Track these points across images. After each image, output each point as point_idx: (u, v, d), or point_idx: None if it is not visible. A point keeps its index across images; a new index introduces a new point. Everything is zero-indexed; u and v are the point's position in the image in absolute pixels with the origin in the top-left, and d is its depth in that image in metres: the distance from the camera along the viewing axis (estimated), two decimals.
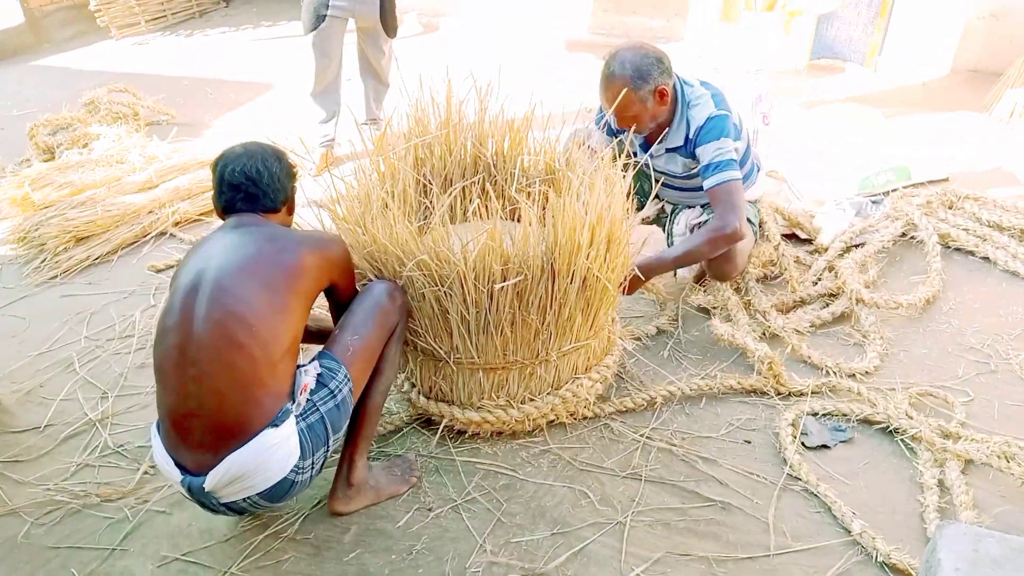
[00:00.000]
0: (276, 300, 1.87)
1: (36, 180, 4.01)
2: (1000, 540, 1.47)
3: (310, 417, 1.93)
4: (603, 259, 2.24)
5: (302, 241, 1.98)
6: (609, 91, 2.66)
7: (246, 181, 2.02)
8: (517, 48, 6.70)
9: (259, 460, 1.82)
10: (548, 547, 2.12)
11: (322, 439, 1.95)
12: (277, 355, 1.86)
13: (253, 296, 1.84)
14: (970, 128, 4.70)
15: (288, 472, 1.87)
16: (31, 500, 2.35)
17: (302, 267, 1.93)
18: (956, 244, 3.40)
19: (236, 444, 1.82)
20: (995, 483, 2.25)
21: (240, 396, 1.82)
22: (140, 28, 7.83)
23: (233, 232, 1.97)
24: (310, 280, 1.96)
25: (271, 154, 2.09)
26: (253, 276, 1.87)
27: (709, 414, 2.58)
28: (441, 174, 2.72)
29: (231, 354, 1.81)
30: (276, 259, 1.90)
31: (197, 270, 1.89)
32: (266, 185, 2.04)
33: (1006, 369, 2.72)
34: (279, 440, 1.84)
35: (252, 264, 1.88)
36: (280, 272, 1.89)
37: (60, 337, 3.13)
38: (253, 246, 1.92)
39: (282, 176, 2.08)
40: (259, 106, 5.75)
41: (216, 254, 1.91)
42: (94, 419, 2.65)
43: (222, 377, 1.81)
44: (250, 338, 1.82)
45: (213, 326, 1.81)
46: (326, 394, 1.97)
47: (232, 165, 2.03)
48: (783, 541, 2.11)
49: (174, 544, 2.18)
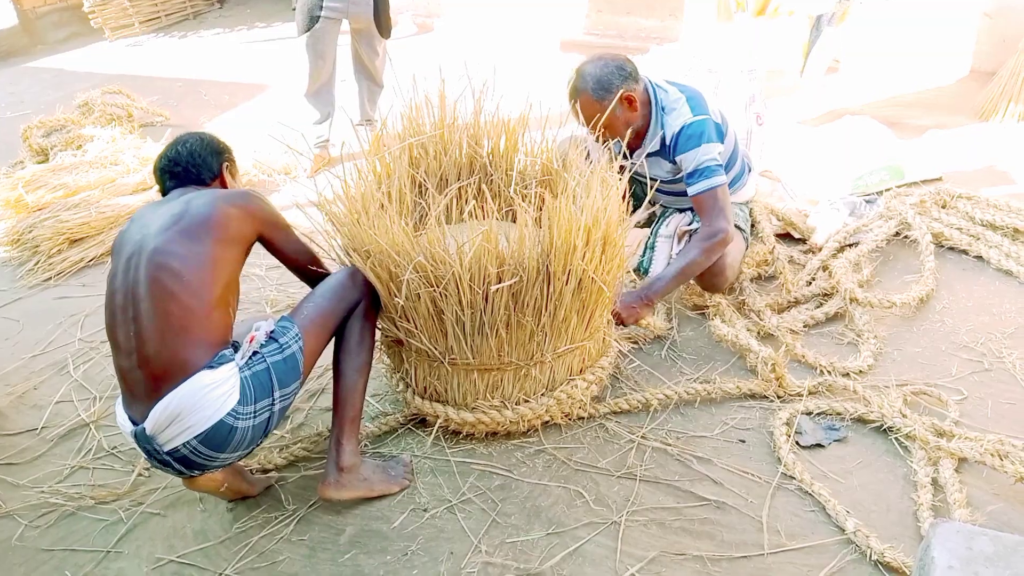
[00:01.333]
0: (202, 251, 1.98)
1: (30, 182, 4.01)
2: (993, 538, 1.47)
3: (256, 366, 2.00)
4: (599, 261, 2.24)
5: (219, 196, 2.11)
6: (576, 108, 2.68)
7: (169, 163, 2.25)
8: (512, 49, 6.71)
9: (194, 399, 1.88)
10: (543, 547, 2.12)
11: (267, 389, 2.00)
12: (210, 303, 1.97)
13: (181, 248, 1.97)
14: (963, 127, 4.72)
15: (225, 415, 1.91)
16: (25, 503, 2.34)
17: (221, 217, 2.04)
18: (949, 243, 3.41)
19: (175, 386, 1.89)
20: (989, 481, 2.26)
21: (178, 342, 1.92)
22: (134, 29, 7.82)
23: (165, 202, 2.15)
24: (232, 230, 2.06)
25: (194, 136, 2.31)
26: (179, 231, 1.99)
27: (704, 414, 2.58)
28: (436, 174, 2.72)
29: (165, 303, 1.92)
30: (197, 213, 2.03)
31: (134, 238, 2.03)
32: (186, 161, 2.24)
33: (999, 367, 2.73)
34: (215, 381, 1.91)
35: (177, 221, 2.01)
36: (202, 224, 2.01)
37: (54, 339, 3.13)
38: (179, 207, 2.05)
39: (203, 152, 2.28)
40: (253, 107, 5.75)
41: (150, 220, 2.05)
42: (88, 421, 2.65)
43: (160, 326, 1.92)
44: (181, 287, 1.93)
45: (150, 281, 1.93)
46: (275, 347, 2.05)
47: (161, 156, 2.28)
48: (777, 540, 2.12)
49: (169, 546, 2.18)
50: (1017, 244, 3.32)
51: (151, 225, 2.03)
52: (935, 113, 4.95)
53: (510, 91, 2.72)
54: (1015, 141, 4.48)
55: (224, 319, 2.02)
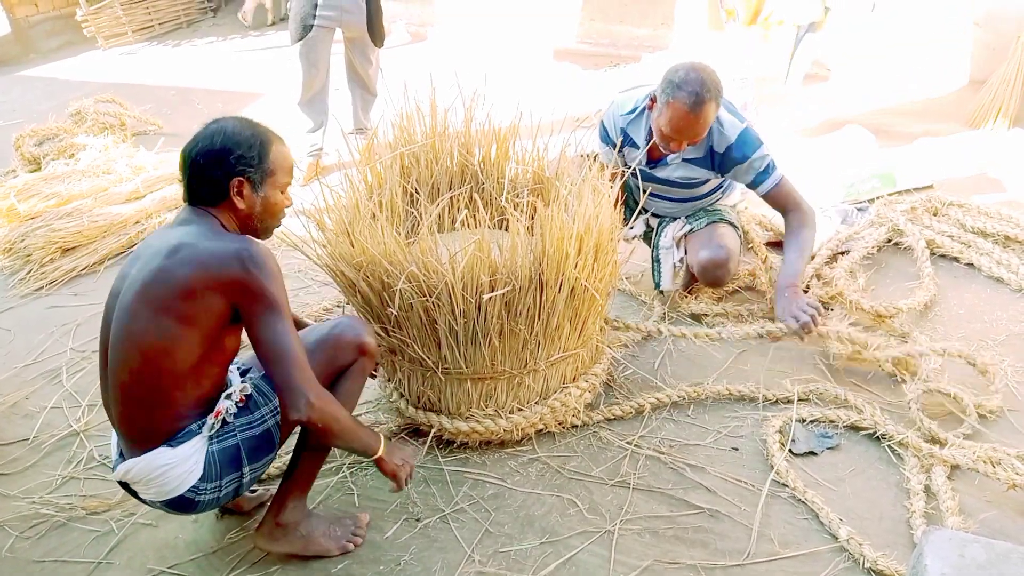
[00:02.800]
0: (166, 328, 1.76)
1: (22, 191, 4.00)
2: (986, 545, 1.48)
3: (226, 440, 1.89)
4: (591, 269, 2.24)
5: (195, 259, 1.77)
6: (698, 117, 2.58)
7: (186, 169, 1.89)
8: (505, 57, 6.72)
9: (152, 474, 1.82)
10: (537, 556, 2.12)
11: (235, 464, 1.91)
12: (177, 380, 1.81)
13: (146, 322, 1.77)
14: (954, 135, 4.74)
15: (185, 491, 1.85)
16: (16, 513, 2.33)
17: (189, 289, 1.76)
18: (941, 251, 3.42)
19: (137, 450, 1.84)
20: (981, 488, 2.27)
21: (139, 411, 1.83)
22: (127, 38, 7.82)
23: (167, 232, 1.89)
24: (199, 305, 1.77)
25: (216, 134, 1.87)
26: (148, 299, 1.77)
27: (696, 422, 2.58)
28: (428, 183, 2.73)
29: (128, 374, 1.80)
30: (169, 278, 1.76)
31: (124, 273, 1.88)
32: (193, 173, 1.88)
33: None
34: (174, 460, 1.82)
35: (150, 283, 1.78)
36: (170, 295, 1.76)
37: (46, 349, 3.12)
38: (160, 259, 1.79)
39: (211, 165, 1.85)
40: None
41: (142, 258, 1.85)
42: (79, 431, 2.64)
43: (124, 391, 1.82)
44: (142, 363, 1.78)
45: (116, 343, 1.81)
46: (246, 422, 1.92)
47: (185, 147, 1.90)
48: (771, 548, 2.11)
49: (160, 556, 2.17)
50: (1008, 251, 3.34)
51: (138, 264, 1.84)
52: (926, 121, 4.97)
53: (503, 100, 2.73)
54: (1006, 149, 4.50)
55: (193, 392, 1.85)
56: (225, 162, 1.84)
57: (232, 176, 1.86)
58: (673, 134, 2.63)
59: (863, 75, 5.51)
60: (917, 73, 5.57)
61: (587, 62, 6.59)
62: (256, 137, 1.89)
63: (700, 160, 2.85)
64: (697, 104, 2.55)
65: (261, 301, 1.78)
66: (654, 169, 2.89)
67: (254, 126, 1.93)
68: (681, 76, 2.56)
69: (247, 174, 1.87)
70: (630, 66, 6.42)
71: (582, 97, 5.45)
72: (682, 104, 2.55)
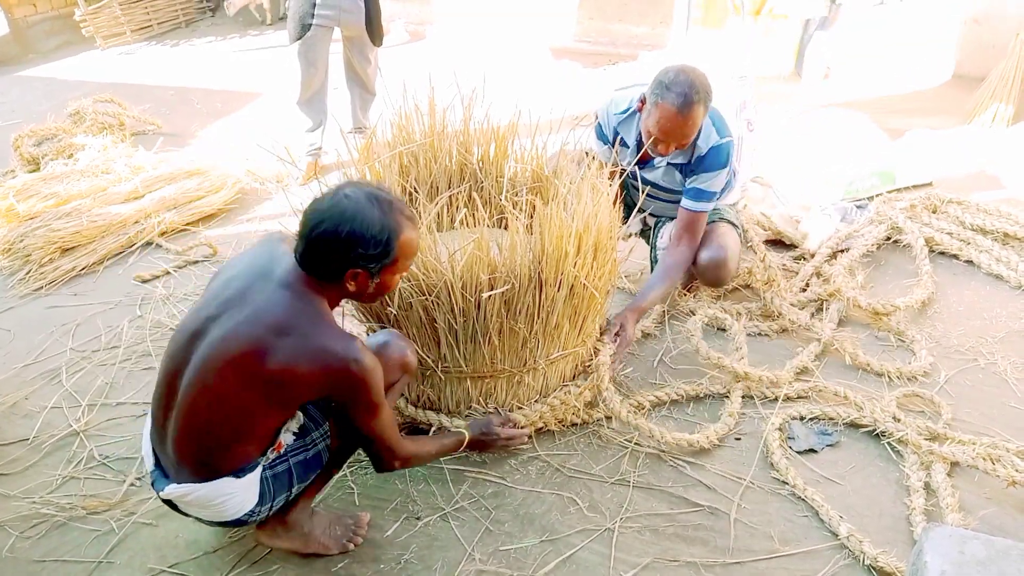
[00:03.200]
0: (252, 401, 1.76)
1: (21, 191, 3.99)
2: (986, 542, 1.48)
3: (278, 466, 1.91)
4: (590, 267, 2.24)
5: (302, 354, 1.73)
6: (686, 120, 2.56)
7: (304, 238, 1.77)
8: (503, 56, 6.72)
9: (214, 501, 1.83)
10: (537, 554, 2.12)
11: (284, 487, 1.94)
12: (247, 438, 1.82)
13: (232, 389, 1.74)
14: (953, 133, 4.74)
15: (242, 515, 1.89)
16: (16, 514, 2.33)
17: (289, 380, 1.74)
18: (940, 248, 3.43)
19: (196, 477, 1.82)
20: (981, 485, 2.27)
21: (207, 447, 1.81)
22: (126, 38, 7.81)
23: (272, 291, 1.79)
24: (293, 393, 1.78)
25: (344, 225, 1.73)
26: (240, 369, 1.73)
27: (696, 420, 2.58)
28: (427, 182, 2.73)
29: (200, 420, 1.78)
30: (269, 361, 1.72)
31: (211, 313, 1.80)
32: (310, 247, 1.76)
33: (991, 371, 2.74)
34: (238, 489, 1.84)
35: (247, 353, 1.73)
36: (266, 376, 1.73)
37: (46, 349, 3.11)
38: (261, 330, 1.73)
39: (333, 246, 1.74)
40: (246, 115, 5.74)
41: (235, 307, 1.78)
42: (79, 431, 2.64)
43: (192, 428, 1.80)
44: (218, 420, 1.77)
45: (193, 389, 1.77)
46: (299, 446, 1.95)
47: (308, 214, 1.78)
48: (771, 545, 2.12)
49: (161, 556, 2.17)
50: (1007, 248, 3.34)
51: (229, 314, 1.77)
52: (925, 118, 4.97)
53: (501, 98, 2.73)
54: (1005, 146, 4.51)
55: (268, 439, 1.86)
56: (346, 256, 1.75)
57: (350, 267, 1.77)
58: (661, 135, 2.60)
59: (862, 72, 5.50)
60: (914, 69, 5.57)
61: (586, 61, 6.58)
62: (385, 231, 1.76)
63: (684, 167, 2.83)
64: (685, 105, 2.52)
65: (364, 406, 1.84)
66: (643, 170, 2.88)
67: (386, 212, 1.77)
68: (671, 77, 2.55)
69: (367, 268, 1.79)
70: (628, 64, 6.42)
71: (581, 96, 5.44)
72: (670, 105, 2.53)
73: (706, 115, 2.64)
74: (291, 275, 1.80)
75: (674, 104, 2.53)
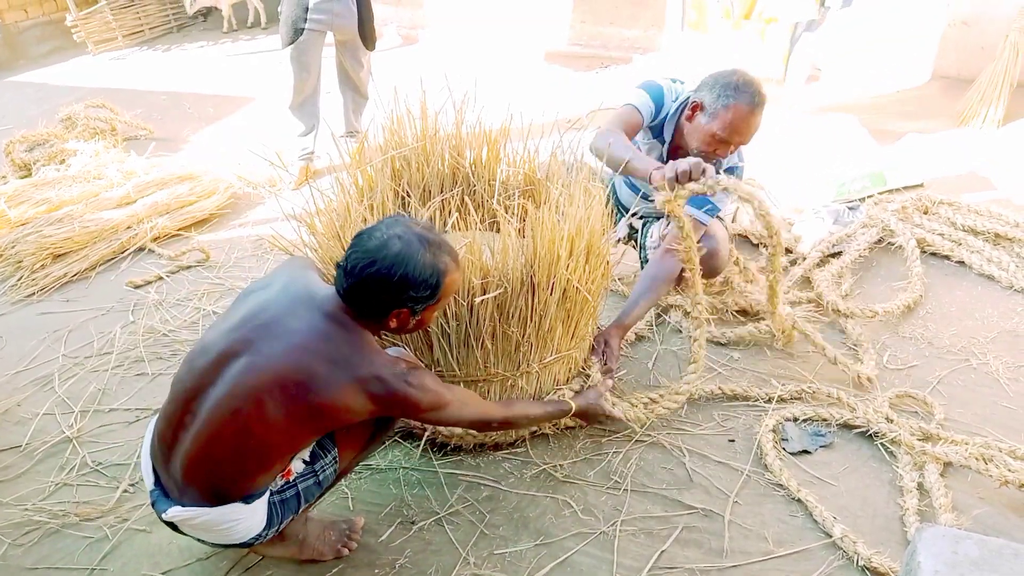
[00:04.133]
0: (289, 427, 1.75)
1: (12, 197, 3.99)
2: (979, 542, 1.48)
3: (287, 492, 1.91)
4: (583, 270, 2.24)
5: (361, 380, 1.75)
6: (757, 119, 2.60)
7: (351, 275, 1.76)
8: (496, 60, 6.73)
9: (222, 525, 1.81)
10: (532, 558, 2.12)
11: (292, 510, 1.94)
12: (268, 465, 1.81)
13: (267, 412, 1.72)
14: (943, 134, 4.76)
15: (248, 539, 1.88)
16: (9, 521, 2.32)
17: (341, 407, 1.76)
18: (931, 249, 3.44)
19: (204, 501, 1.80)
20: (974, 485, 2.28)
21: (222, 474, 1.78)
22: (117, 43, 7.80)
23: (315, 319, 1.78)
24: (337, 419, 1.80)
25: (397, 268, 1.73)
26: (283, 394, 1.72)
27: (689, 422, 2.58)
28: (419, 186, 2.72)
29: (224, 443, 1.75)
30: (320, 389, 1.72)
31: (244, 335, 1.78)
32: (358, 290, 1.76)
33: (983, 371, 2.75)
34: (246, 514, 1.82)
35: (292, 380, 1.72)
36: (311, 402, 1.73)
37: (38, 355, 3.10)
38: (311, 359, 1.73)
39: (380, 294, 1.75)
40: (238, 120, 5.74)
41: (274, 334, 1.76)
42: (72, 437, 2.63)
43: (213, 452, 1.76)
44: (244, 445, 1.74)
45: (219, 411, 1.74)
46: (308, 472, 1.94)
47: (356, 251, 1.77)
48: (765, 547, 2.12)
49: (154, 563, 2.16)
50: (998, 249, 3.36)
51: (269, 338, 1.75)
52: (916, 120, 4.99)
53: (494, 102, 2.73)
54: (995, 147, 4.52)
55: (283, 465, 1.86)
56: (397, 298, 1.76)
57: (397, 307, 1.79)
58: (730, 136, 2.59)
59: (850, 74, 5.50)
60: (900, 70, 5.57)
61: (578, 64, 6.59)
62: (435, 274, 1.77)
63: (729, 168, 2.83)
64: (758, 105, 2.56)
65: (432, 417, 1.93)
66: None
67: (436, 256, 1.78)
68: (738, 80, 2.57)
69: (413, 308, 1.81)
70: (621, 68, 6.44)
71: (573, 99, 5.45)
72: (745, 105, 2.55)
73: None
74: (333, 305, 1.80)
75: (748, 104, 2.55)
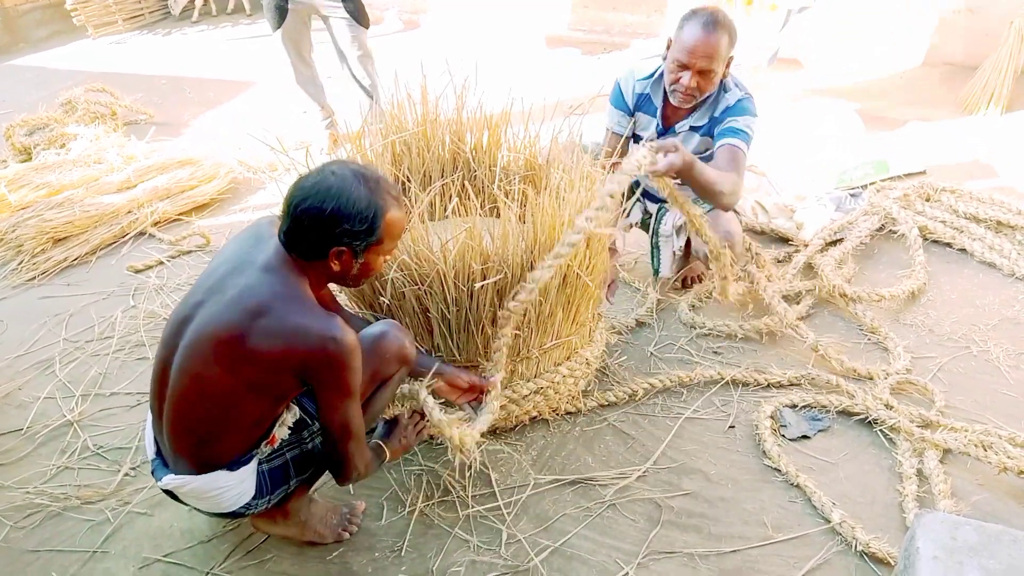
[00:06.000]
0: (235, 387, 1.74)
1: (13, 181, 3.98)
2: (977, 528, 1.49)
3: (275, 460, 1.91)
4: (583, 256, 2.24)
5: (279, 335, 1.71)
6: (707, 40, 2.58)
7: (284, 215, 1.76)
8: (498, 44, 6.70)
9: (210, 493, 1.83)
10: (531, 542, 2.12)
11: (282, 481, 1.94)
12: (236, 428, 1.81)
13: (215, 375, 1.73)
14: (947, 121, 4.74)
15: (238, 508, 1.88)
16: (10, 504, 2.33)
17: (266, 363, 1.72)
18: (933, 236, 3.43)
19: (192, 469, 1.82)
20: (972, 471, 2.28)
21: (199, 438, 1.81)
22: (117, 27, 7.76)
23: (252, 274, 1.77)
24: (272, 376, 1.75)
25: (329, 202, 1.71)
26: (220, 355, 1.72)
27: (689, 406, 2.58)
28: (420, 171, 2.72)
29: (190, 408, 1.78)
30: (247, 345, 1.71)
31: (198, 299, 1.79)
32: (295, 227, 1.74)
33: (984, 359, 2.75)
34: (232, 482, 1.83)
35: (225, 340, 1.72)
36: (244, 361, 1.72)
37: (39, 339, 3.10)
38: (239, 314, 1.71)
39: (314, 231, 1.73)
40: (239, 104, 5.72)
41: (219, 292, 1.76)
42: (73, 421, 2.63)
43: (183, 422, 1.80)
44: (206, 407, 1.77)
45: (180, 377, 1.77)
46: (295, 441, 1.95)
47: (293, 191, 1.76)
48: (764, 532, 2.13)
49: (156, 545, 2.17)
50: (1000, 236, 3.35)
51: (213, 301, 1.76)
52: (919, 107, 4.97)
53: (495, 87, 2.72)
54: (998, 134, 4.51)
55: (258, 429, 1.84)
56: (331, 232, 1.73)
57: (334, 245, 1.75)
58: (687, 58, 2.60)
59: (842, 57, 5.47)
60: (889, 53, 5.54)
61: (581, 49, 6.56)
62: (371, 208, 1.74)
63: (704, 128, 2.82)
64: (710, 23, 2.57)
65: (338, 388, 1.77)
66: (664, 138, 2.85)
67: (372, 190, 1.75)
68: (696, 9, 2.62)
69: (352, 246, 1.76)
70: (623, 52, 6.40)
71: (575, 84, 5.43)
72: (698, 25, 2.58)
73: (731, 49, 2.64)
74: (274, 257, 1.78)
75: (701, 23, 2.58)
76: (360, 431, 1.86)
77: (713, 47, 2.58)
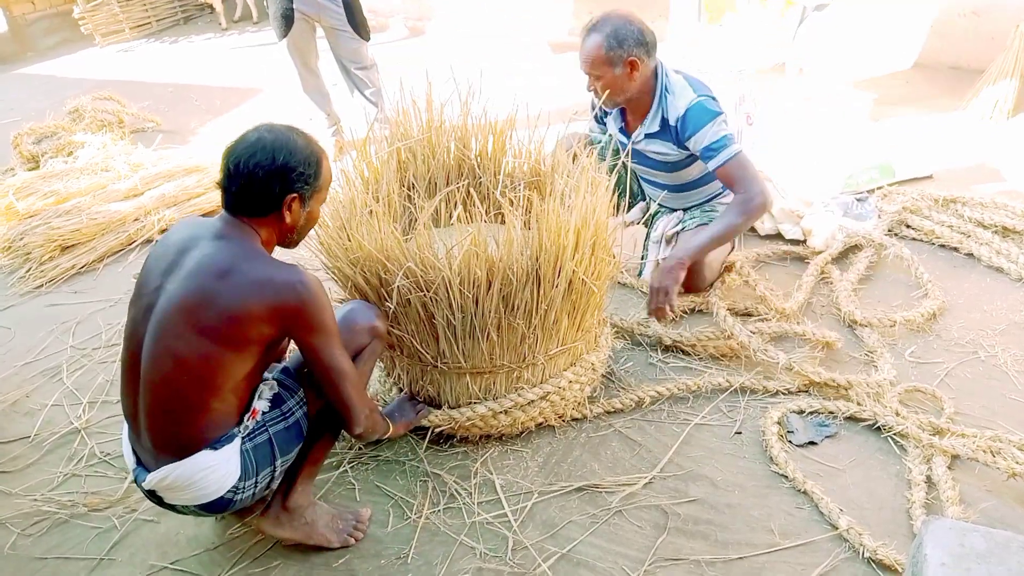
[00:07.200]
0: (211, 349, 1.77)
1: (20, 189, 4.01)
2: (985, 534, 1.48)
3: (257, 437, 1.91)
4: (588, 262, 2.24)
5: (248, 287, 1.77)
6: (584, 46, 2.70)
7: (227, 178, 1.85)
8: (501, 50, 6.71)
9: (194, 478, 1.82)
10: (537, 549, 2.12)
11: (267, 460, 1.93)
12: (217, 394, 1.82)
13: (189, 342, 1.76)
14: (952, 125, 4.73)
15: (225, 492, 1.87)
16: (18, 511, 2.34)
17: (240, 316, 1.76)
18: (940, 241, 3.42)
19: (174, 457, 1.82)
20: (981, 478, 2.27)
21: (179, 418, 1.81)
22: (124, 35, 7.82)
23: (206, 245, 1.83)
24: (247, 331, 1.78)
25: (270, 143, 1.82)
26: (192, 320, 1.76)
27: (695, 414, 2.58)
28: (425, 178, 2.72)
29: (167, 388, 1.79)
30: (218, 303, 1.76)
31: (157, 286, 1.83)
32: (243, 183, 1.83)
33: (991, 363, 2.74)
34: (216, 462, 1.83)
35: (195, 305, 1.76)
36: (218, 320, 1.76)
37: (46, 347, 3.12)
38: (203, 279, 1.77)
39: (267, 176, 1.81)
40: (246, 112, 5.74)
41: (175, 270, 1.82)
42: (80, 428, 2.64)
43: (161, 403, 1.81)
44: (184, 380, 1.78)
45: (154, 357, 1.79)
46: (277, 415, 1.95)
47: (226, 155, 1.87)
48: (771, 539, 2.12)
49: (162, 553, 2.18)
50: (1007, 241, 3.34)
51: (175, 280, 1.80)
52: (924, 110, 4.96)
53: (499, 93, 2.72)
54: (1004, 139, 4.49)
55: (235, 401, 1.86)
56: (286, 179, 1.83)
57: (289, 193, 1.85)
58: (580, 66, 2.76)
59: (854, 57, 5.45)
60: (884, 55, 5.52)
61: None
62: (314, 154, 1.89)
63: (660, 134, 2.85)
64: (587, 29, 2.71)
65: (316, 329, 1.84)
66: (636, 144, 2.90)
67: (308, 140, 1.91)
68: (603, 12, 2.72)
69: (302, 191, 1.88)
70: None
71: (579, 90, 5.43)
72: (583, 37, 2.71)
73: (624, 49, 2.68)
74: (223, 227, 1.86)
75: (584, 35, 2.71)
76: (352, 372, 1.93)
77: (588, 52, 2.70)
